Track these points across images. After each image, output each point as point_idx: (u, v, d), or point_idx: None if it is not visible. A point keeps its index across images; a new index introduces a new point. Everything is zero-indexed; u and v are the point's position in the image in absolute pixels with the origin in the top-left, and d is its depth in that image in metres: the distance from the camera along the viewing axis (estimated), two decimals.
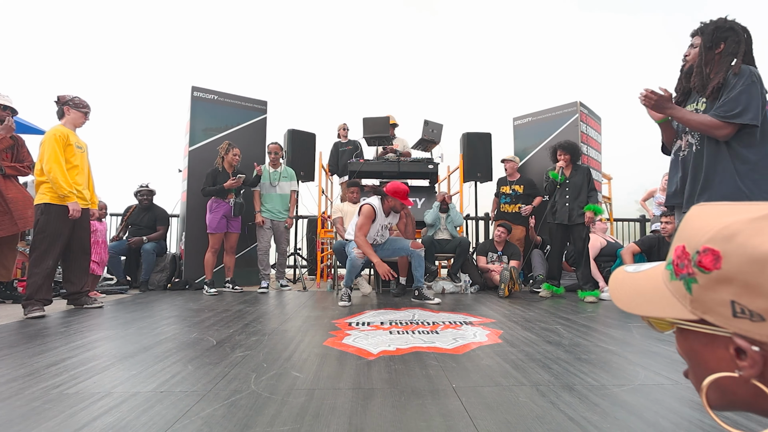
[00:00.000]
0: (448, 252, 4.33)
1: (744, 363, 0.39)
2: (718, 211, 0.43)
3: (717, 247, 0.40)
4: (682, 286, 0.43)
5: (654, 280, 0.48)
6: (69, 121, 2.95)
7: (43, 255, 2.76)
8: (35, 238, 2.79)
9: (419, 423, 1.06)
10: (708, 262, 0.40)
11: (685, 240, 0.44)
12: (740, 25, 1.80)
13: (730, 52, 1.78)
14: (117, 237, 4.62)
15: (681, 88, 1.98)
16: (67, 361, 1.62)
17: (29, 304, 2.66)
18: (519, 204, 4.65)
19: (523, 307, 3.06)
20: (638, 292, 0.49)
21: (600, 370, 1.52)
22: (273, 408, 1.16)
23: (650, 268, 0.51)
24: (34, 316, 2.60)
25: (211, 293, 3.87)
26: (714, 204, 0.45)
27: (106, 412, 1.13)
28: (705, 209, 0.45)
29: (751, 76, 1.72)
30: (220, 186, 4.02)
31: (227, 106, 4.79)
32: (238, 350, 1.79)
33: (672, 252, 0.46)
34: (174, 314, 2.75)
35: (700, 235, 0.42)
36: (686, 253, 0.43)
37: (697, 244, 0.42)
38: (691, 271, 0.42)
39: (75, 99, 2.97)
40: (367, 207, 3.23)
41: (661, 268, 0.49)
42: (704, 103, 1.87)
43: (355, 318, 2.61)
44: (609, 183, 5.76)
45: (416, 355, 1.74)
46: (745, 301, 0.38)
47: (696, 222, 0.44)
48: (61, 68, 22.20)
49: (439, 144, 4.92)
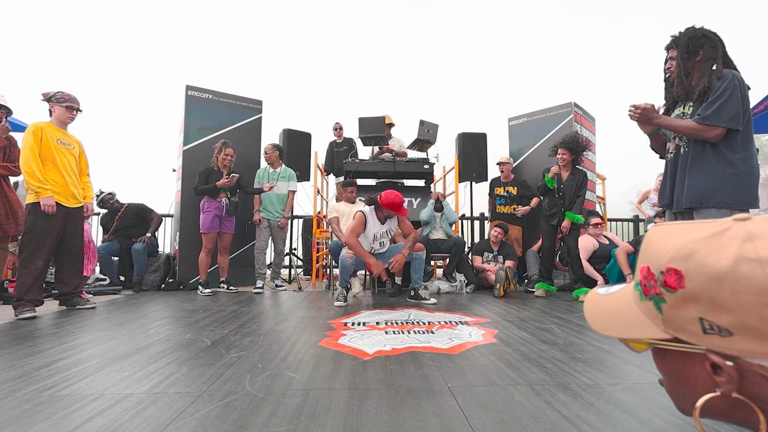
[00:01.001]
0: (443, 252, 4.34)
1: (721, 378, 0.40)
2: (675, 231, 0.44)
3: (678, 267, 0.41)
4: (652, 306, 0.44)
5: (625, 302, 0.49)
6: (55, 117, 2.89)
7: (31, 255, 2.72)
8: (23, 239, 2.75)
9: (415, 423, 1.06)
10: (672, 281, 0.41)
11: (649, 261, 0.45)
12: (711, 31, 1.88)
13: (709, 57, 1.85)
14: (108, 238, 4.58)
15: (669, 97, 2.06)
16: (59, 363, 1.60)
17: (20, 305, 2.62)
18: (513, 205, 4.68)
19: (518, 307, 3.07)
20: (612, 315, 0.50)
21: (594, 369, 1.53)
22: (268, 409, 1.15)
23: (620, 289, 0.52)
24: (25, 317, 2.57)
25: (206, 294, 3.84)
26: (671, 224, 0.46)
27: (98, 414, 1.12)
28: (663, 230, 0.46)
29: (733, 80, 1.80)
30: (212, 184, 3.98)
31: (222, 105, 4.76)
32: (233, 351, 1.78)
33: (638, 273, 0.47)
34: (168, 315, 2.73)
35: (661, 256, 0.43)
36: (651, 274, 0.44)
37: (659, 264, 0.43)
38: (658, 291, 0.43)
39: (57, 94, 2.88)
40: (360, 214, 3.24)
41: (629, 289, 0.50)
42: (690, 106, 1.94)
43: (350, 318, 2.61)
44: (603, 183, 5.80)
45: (412, 355, 1.74)
46: (712, 317, 0.39)
47: (656, 243, 0.45)
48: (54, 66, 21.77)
49: (434, 144, 4.93)
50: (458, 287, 4.06)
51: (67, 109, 2.90)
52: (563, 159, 3.70)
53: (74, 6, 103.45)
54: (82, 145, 3.10)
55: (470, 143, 5.13)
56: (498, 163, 4.91)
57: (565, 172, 3.75)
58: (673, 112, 2.05)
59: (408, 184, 5.31)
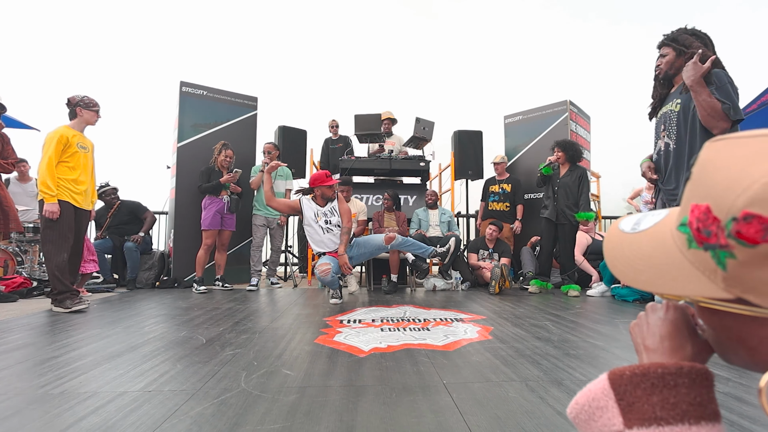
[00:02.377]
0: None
1: None
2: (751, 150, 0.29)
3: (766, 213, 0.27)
4: (709, 258, 0.31)
5: (663, 245, 0.36)
6: (82, 121, 2.96)
7: (57, 249, 2.79)
8: (45, 233, 2.81)
9: (410, 419, 1.07)
10: (752, 233, 0.28)
11: (710, 198, 0.31)
12: (701, 31, 1.95)
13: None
14: (100, 236, 4.54)
15: (657, 95, 2.08)
16: (52, 361, 1.59)
17: (65, 298, 2.72)
18: (507, 203, 4.70)
19: (513, 304, 3.09)
20: (645, 262, 0.36)
21: (588, 365, 1.54)
22: (263, 406, 1.15)
23: (654, 225, 0.38)
24: (78, 309, 2.71)
25: (201, 291, 3.83)
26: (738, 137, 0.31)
27: (92, 412, 1.11)
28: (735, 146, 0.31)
29: (727, 76, 1.87)
30: (216, 181, 4.00)
31: (217, 101, 4.72)
32: (228, 348, 1.78)
33: (688, 210, 0.33)
34: (162, 312, 2.72)
35: (732, 193, 0.29)
36: (714, 218, 0.30)
37: (730, 206, 0.29)
38: (724, 243, 0.30)
39: (85, 99, 2.97)
40: (295, 200, 3.27)
41: (668, 226, 0.36)
42: (678, 104, 1.97)
43: (346, 315, 2.61)
44: (597, 181, 5.84)
45: (407, 352, 1.74)
46: None
47: (723, 171, 0.30)
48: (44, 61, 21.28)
49: (430, 141, 4.93)
50: (454, 284, 4.08)
51: (95, 113, 3.01)
52: (558, 156, 3.78)
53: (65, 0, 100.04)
54: (94, 148, 3.13)
55: (466, 141, 5.13)
56: (492, 163, 4.93)
57: (562, 168, 3.82)
58: (661, 109, 2.09)
59: (404, 182, 5.32)
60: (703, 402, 0.33)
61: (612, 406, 0.35)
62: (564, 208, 3.69)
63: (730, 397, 1.23)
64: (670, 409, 0.33)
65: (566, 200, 3.69)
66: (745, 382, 1.36)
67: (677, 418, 0.33)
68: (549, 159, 3.84)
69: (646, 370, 0.36)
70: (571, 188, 3.69)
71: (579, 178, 3.69)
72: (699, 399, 0.33)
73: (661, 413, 0.33)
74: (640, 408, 0.34)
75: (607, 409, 0.36)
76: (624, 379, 0.36)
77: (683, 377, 0.34)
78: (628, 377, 0.36)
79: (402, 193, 4.78)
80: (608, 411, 0.35)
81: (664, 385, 0.34)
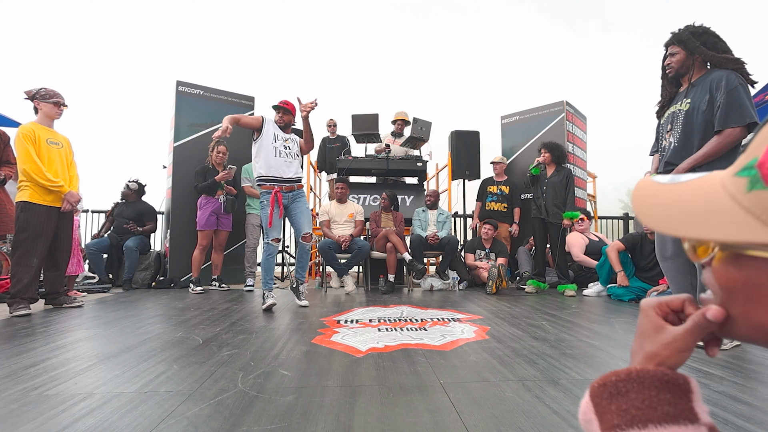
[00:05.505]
0: (436, 250, 4.35)
1: None
2: None
3: None
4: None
5: (709, 191, 0.33)
6: (43, 115, 2.83)
7: (26, 253, 2.70)
8: (17, 237, 2.72)
9: (407, 419, 1.07)
10: None
11: None
12: (710, 29, 1.94)
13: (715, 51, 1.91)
14: (98, 234, 4.51)
15: (667, 94, 2.07)
16: (47, 362, 1.58)
17: (14, 303, 2.62)
18: (504, 204, 4.71)
19: (509, 304, 3.10)
20: (684, 208, 0.34)
21: (584, 364, 1.55)
22: (260, 407, 1.15)
23: (698, 178, 0.36)
24: (20, 314, 2.57)
25: (197, 291, 3.81)
26: None
27: (87, 413, 1.10)
28: None
29: (738, 78, 1.85)
30: (211, 180, 3.98)
31: (213, 101, 4.70)
32: (224, 349, 1.77)
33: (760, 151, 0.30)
34: (158, 313, 2.71)
35: None
36: None
37: None
38: None
39: (41, 90, 2.81)
40: (259, 116, 3.19)
41: (716, 176, 0.34)
42: (688, 103, 1.96)
43: (343, 315, 2.61)
44: (593, 181, 5.86)
45: (404, 352, 1.74)
46: None
47: None
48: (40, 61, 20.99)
49: (427, 142, 4.94)
50: (451, 284, 4.09)
51: (54, 105, 2.84)
52: (544, 157, 3.89)
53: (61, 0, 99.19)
54: (70, 143, 3.02)
55: (463, 141, 5.14)
56: (492, 162, 4.94)
57: (549, 168, 3.90)
58: (669, 108, 2.08)
59: (402, 182, 5.32)
60: (653, 404, 0.33)
61: (593, 419, 0.36)
62: (552, 207, 3.77)
63: (725, 396, 1.24)
64: (622, 415, 0.34)
65: (555, 199, 3.77)
66: (740, 381, 1.38)
67: (628, 423, 0.33)
68: (537, 160, 3.93)
69: (605, 379, 0.37)
70: (558, 188, 3.78)
71: (566, 177, 3.80)
72: (648, 402, 0.33)
73: (617, 421, 0.34)
74: (608, 419, 0.35)
75: (592, 422, 0.36)
76: (595, 390, 0.37)
77: (632, 382, 0.35)
78: (596, 388, 0.37)
79: (400, 193, 4.79)
80: (593, 423, 0.36)
81: (617, 393, 0.35)
